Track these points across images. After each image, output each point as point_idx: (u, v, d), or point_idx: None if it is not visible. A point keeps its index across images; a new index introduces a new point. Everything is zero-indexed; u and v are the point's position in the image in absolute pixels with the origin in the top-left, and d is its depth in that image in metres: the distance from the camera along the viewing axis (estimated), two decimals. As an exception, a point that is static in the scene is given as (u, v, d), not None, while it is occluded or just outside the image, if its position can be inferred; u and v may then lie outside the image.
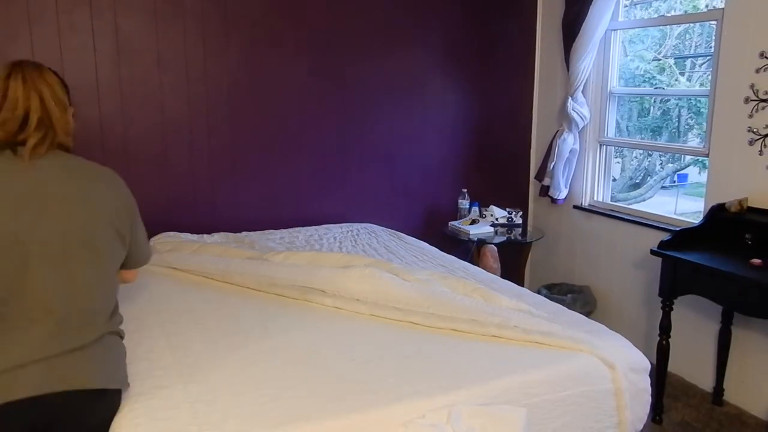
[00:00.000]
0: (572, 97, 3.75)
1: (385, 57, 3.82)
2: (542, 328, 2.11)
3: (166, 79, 3.32)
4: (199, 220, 3.48)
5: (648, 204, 6.66)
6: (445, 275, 2.63)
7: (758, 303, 2.42)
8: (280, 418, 1.60)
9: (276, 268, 2.62)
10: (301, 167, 3.71)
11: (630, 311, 3.61)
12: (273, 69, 3.54)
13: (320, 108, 3.70)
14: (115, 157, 3.25)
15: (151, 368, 1.86)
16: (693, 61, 6.51)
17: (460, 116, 4.12)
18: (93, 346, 1.55)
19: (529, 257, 4.32)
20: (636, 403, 2.02)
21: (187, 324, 2.20)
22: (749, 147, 2.86)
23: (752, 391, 2.96)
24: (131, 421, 1.58)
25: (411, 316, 2.23)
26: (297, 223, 3.72)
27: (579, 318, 2.33)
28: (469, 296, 2.39)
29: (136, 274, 1.79)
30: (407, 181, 4.04)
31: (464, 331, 2.13)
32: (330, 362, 1.92)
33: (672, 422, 2.89)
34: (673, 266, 2.74)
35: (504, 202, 4.18)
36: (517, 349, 2.02)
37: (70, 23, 3.07)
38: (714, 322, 3.07)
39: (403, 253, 3.20)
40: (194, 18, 3.32)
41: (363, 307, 2.32)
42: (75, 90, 3.11)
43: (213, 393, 1.73)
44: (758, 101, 2.81)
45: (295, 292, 2.46)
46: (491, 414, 1.71)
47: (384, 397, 1.71)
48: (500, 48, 4.15)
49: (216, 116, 3.45)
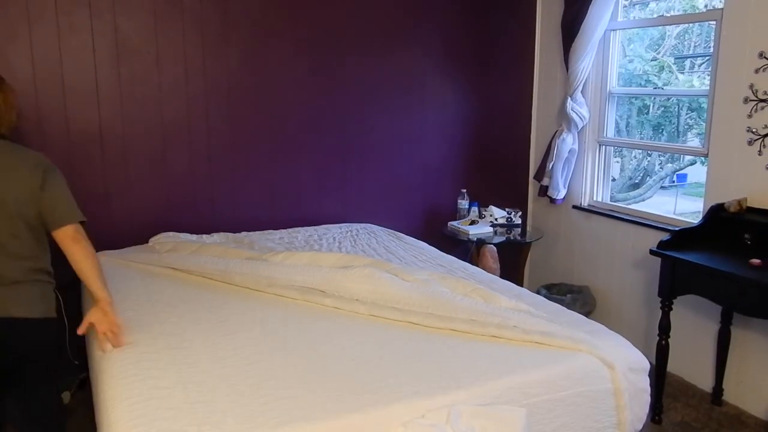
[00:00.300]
0: (571, 97, 3.75)
1: (385, 57, 3.83)
2: (542, 328, 2.11)
3: (165, 78, 3.32)
4: (198, 220, 3.48)
5: (647, 204, 6.66)
6: (444, 275, 2.63)
7: (757, 303, 2.42)
8: (279, 418, 1.60)
9: (275, 268, 2.62)
10: (301, 167, 3.71)
11: (629, 311, 3.61)
12: (272, 68, 3.54)
13: (320, 108, 3.70)
14: (115, 156, 3.25)
15: (150, 368, 1.86)
16: (692, 61, 6.52)
17: (459, 116, 4.12)
18: (14, 286, 1.92)
19: (529, 257, 4.32)
20: (635, 403, 2.03)
21: (186, 324, 2.20)
22: (748, 147, 2.86)
23: (751, 391, 2.96)
24: (130, 422, 1.58)
25: (410, 317, 2.23)
26: (296, 223, 3.72)
27: (578, 318, 2.33)
28: (469, 296, 2.40)
29: (72, 240, 1.97)
30: (407, 181, 4.04)
31: (464, 332, 2.13)
32: (330, 362, 1.92)
33: (671, 422, 2.89)
34: (673, 266, 2.74)
35: (503, 203, 4.18)
36: (517, 349, 2.02)
37: (69, 23, 3.07)
38: (713, 322, 3.07)
39: (402, 253, 3.20)
40: (193, 18, 3.32)
41: (362, 308, 2.32)
42: (74, 90, 3.13)
43: (212, 393, 1.73)
44: (757, 101, 2.81)
45: (295, 292, 2.46)
46: (491, 414, 1.71)
47: (384, 397, 1.71)
48: (499, 48, 4.15)
49: (215, 116, 3.45)
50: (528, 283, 4.41)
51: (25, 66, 3.02)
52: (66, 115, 3.13)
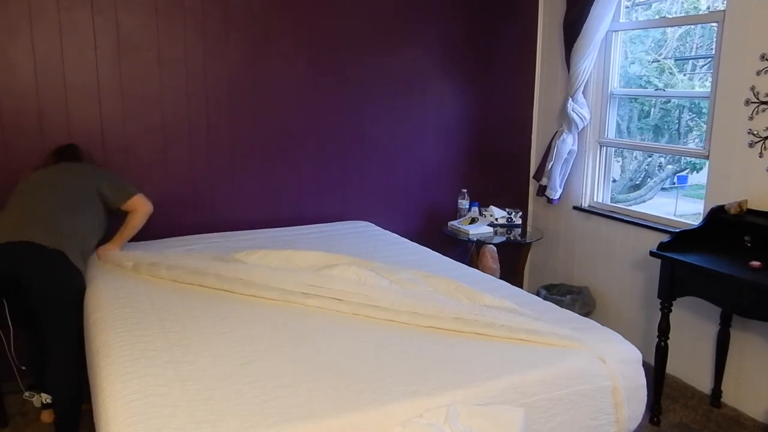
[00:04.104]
0: (572, 98, 3.75)
1: (385, 56, 3.82)
2: (527, 326, 2.10)
3: (165, 76, 3.32)
4: (197, 218, 3.48)
5: (648, 205, 6.66)
6: (427, 274, 2.63)
7: (757, 305, 2.42)
8: (277, 417, 1.60)
9: (252, 268, 2.59)
10: (301, 166, 3.71)
11: (629, 312, 3.61)
12: (272, 68, 3.53)
13: (320, 107, 3.70)
14: (115, 154, 3.26)
15: (148, 366, 1.86)
16: (694, 62, 6.52)
17: (460, 116, 4.12)
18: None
19: (529, 258, 4.32)
20: (632, 400, 2.02)
21: (184, 322, 2.20)
22: (749, 149, 2.86)
23: (750, 393, 2.96)
24: (128, 420, 1.58)
25: (398, 316, 2.21)
26: (295, 221, 3.72)
27: (568, 315, 2.32)
28: (452, 294, 2.39)
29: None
30: (407, 180, 4.04)
31: (448, 329, 2.12)
32: (328, 361, 1.92)
33: (670, 424, 2.89)
34: (672, 268, 2.74)
35: (504, 203, 4.18)
36: (515, 348, 2.02)
37: (71, 20, 3.07)
38: (713, 323, 3.07)
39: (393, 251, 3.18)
40: (194, 16, 3.32)
41: (345, 307, 2.30)
42: (75, 87, 3.13)
43: (210, 391, 1.73)
44: (759, 103, 2.81)
45: (275, 293, 2.43)
46: (489, 414, 1.71)
47: (382, 396, 1.71)
48: (501, 48, 4.15)
49: (215, 114, 3.45)
50: (528, 283, 4.41)
51: (26, 63, 3.02)
52: (67, 112, 3.13)
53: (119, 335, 2.08)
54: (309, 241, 3.32)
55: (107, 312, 2.28)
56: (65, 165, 2.94)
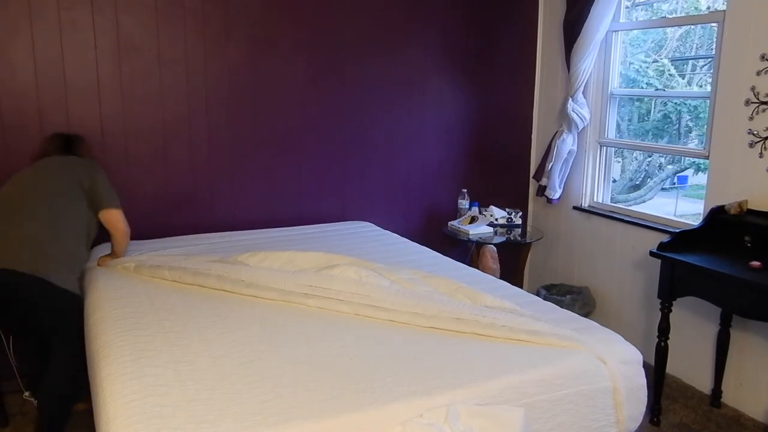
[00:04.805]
0: (572, 98, 3.75)
1: (386, 56, 3.82)
2: (527, 327, 2.10)
3: (166, 76, 3.32)
4: (197, 218, 3.48)
5: (648, 205, 6.66)
6: (427, 274, 2.63)
7: (757, 305, 2.42)
8: (277, 417, 1.60)
9: (254, 270, 2.59)
10: (301, 166, 3.71)
11: (629, 312, 3.61)
12: (273, 68, 3.53)
13: (320, 107, 3.70)
14: (115, 154, 3.25)
15: (147, 366, 1.86)
16: (694, 63, 6.52)
17: (460, 116, 4.12)
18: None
19: (529, 258, 4.32)
20: (632, 400, 2.02)
21: (184, 322, 2.20)
22: (749, 149, 2.86)
23: (750, 393, 2.96)
24: (128, 420, 1.58)
25: (398, 316, 2.21)
26: (295, 221, 3.72)
27: (568, 315, 2.32)
28: (452, 295, 2.39)
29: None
30: (407, 180, 4.04)
31: (448, 330, 2.12)
32: (328, 361, 1.92)
33: (670, 424, 2.89)
34: (672, 268, 2.74)
35: (504, 203, 4.18)
36: (515, 348, 2.02)
37: (71, 20, 3.07)
38: (713, 324, 3.07)
39: (393, 252, 3.18)
40: (194, 16, 3.32)
41: (345, 307, 2.30)
42: (75, 86, 3.13)
43: (210, 391, 1.72)
44: (759, 103, 2.81)
45: (276, 293, 2.42)
46: (489, 414, 1.71)
47: (382, 396, 1.71)
48: (501, 48, 4.15)
49: (215, 114, 3.45)
50: (528, 283, 4.41)
51: (26, 62, 3.02)
52: (67, 111, 3.13)
53: (119, 335, 2.08)
54: (309, 242, 3.32)
55: (107, 312, 2.28)
56: (56, 161, 2.77)
